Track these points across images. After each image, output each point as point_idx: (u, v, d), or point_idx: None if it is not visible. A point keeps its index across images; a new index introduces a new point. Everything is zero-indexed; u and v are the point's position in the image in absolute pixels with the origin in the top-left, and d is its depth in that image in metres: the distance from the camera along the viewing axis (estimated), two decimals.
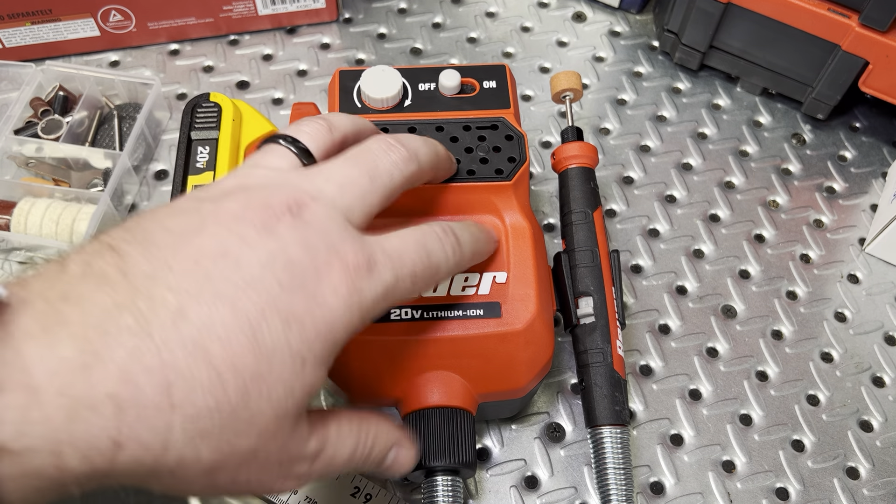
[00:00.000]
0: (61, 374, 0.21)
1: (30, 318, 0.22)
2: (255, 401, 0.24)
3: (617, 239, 0.50)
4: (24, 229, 0.45)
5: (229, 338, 0.24)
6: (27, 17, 0.53)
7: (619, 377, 0.39)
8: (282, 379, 0.25)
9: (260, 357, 0.24)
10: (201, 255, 0.25)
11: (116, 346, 0.22)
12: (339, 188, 0.29)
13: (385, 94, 0.39)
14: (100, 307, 0.23)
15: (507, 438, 0.42)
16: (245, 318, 0.24)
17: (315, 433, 0.29)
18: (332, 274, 0.26)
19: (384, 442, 0.32)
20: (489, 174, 0.37)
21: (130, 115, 0.51)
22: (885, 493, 0.41)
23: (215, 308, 0.24)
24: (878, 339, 0.47)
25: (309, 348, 0.26)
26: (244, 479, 0.26)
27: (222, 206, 0.27)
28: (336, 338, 0.27)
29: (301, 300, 0.25)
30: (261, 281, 0.25)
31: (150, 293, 0.23)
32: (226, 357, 0.24)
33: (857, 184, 0.53)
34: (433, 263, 0.30)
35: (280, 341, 0.25)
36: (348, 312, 0.27)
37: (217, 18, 0.56)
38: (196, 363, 0.23)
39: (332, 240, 0.27)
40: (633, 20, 0.60)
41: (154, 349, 0.22)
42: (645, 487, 0.41)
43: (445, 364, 0.36)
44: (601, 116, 0.55)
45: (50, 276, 0.24)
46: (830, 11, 0.48)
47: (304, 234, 0.26)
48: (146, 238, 0.25)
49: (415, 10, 0.60)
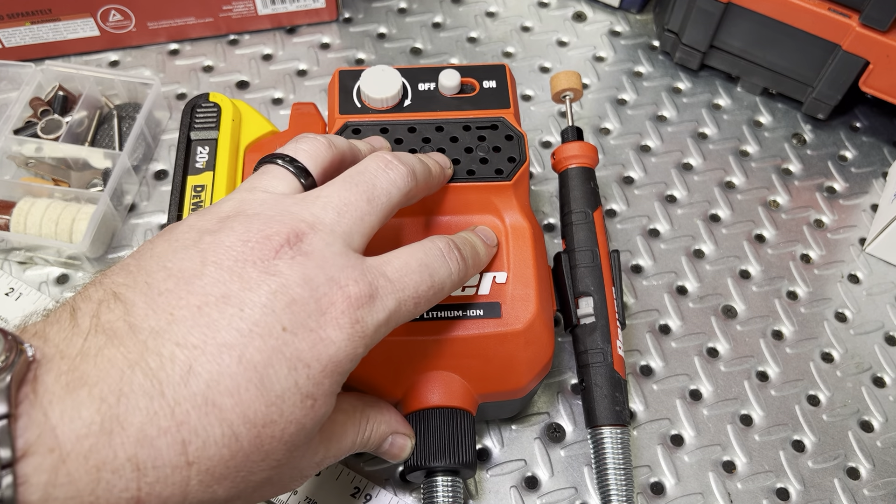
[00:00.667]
0: (86, 439, 0.22)
1: (53, 377, 0.23)
2: (268, 443, 0.25)
3: (617, 239, 0.50)
4: (23, 229, 0.45)
5: (238, 390, 0.24)
6: (27, 17, 0.52)
7: (620, 377, 0.39)
8: (293, 420, 0.26)
9: (270, 404, 0.25)
10: (204, 301, 0.25)
11: (133, 409, 0.23)
12: (338, 214, 0.29)
13: (385, 93, 0.38)
14: (114, 366, 0.23)
15: (508, 439, 0.42)
16: (252, 367, 0.25)
17: (322, 443, 0.30)
18: (334, 308, 0.27)
19: (383, 431, 0.34)
20: (489, 174, 0.37)
21: (130, 114, 0.50)
22: (886, 494, 0.41)
23: (222, 360, 0.24)
24: (879, 339, 0.46)
25: (317, 387, 0.26)
26: (258, 497, 0.27)
27: (221, 240, 0.27)
28: (342, 370, 0.27)
29: (305, 341, 0.26)
30: (264, 326, 0.25)
31: (159, 350, 0.24)
32: (237, 409, 0.24)
33: (858, 184, 0.53)
34: (436, 283, 0.31)
35: (289, 385, 0.25)
36: (351, 344, 0.27)
37: (217, 18, 0.56)
38: (209, 419, 0.24)
39: (332, 271, 0.27)
40: (633, 20, 0.60)
41: (168, 409, 0.23)
42: (645, 488, 0.41)
43: (445, 364, 0.36)
44: (601, 116, 0.55)
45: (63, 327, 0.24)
46: (831, 11, 0.48)
47: (303, 269, 0.26)
48: (148, 283, 0.25)
49: (415, 10, 0.60)
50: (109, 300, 0.25)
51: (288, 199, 0.29)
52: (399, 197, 0.31)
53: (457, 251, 0.32)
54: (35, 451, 0.21)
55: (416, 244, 0.31)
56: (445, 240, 0.32)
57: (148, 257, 0.27)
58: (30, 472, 0.21)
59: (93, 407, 0.22)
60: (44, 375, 0.22)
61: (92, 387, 0.22)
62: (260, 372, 0.25)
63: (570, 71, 0.45)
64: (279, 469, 0.27)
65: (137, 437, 0.22)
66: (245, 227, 0.27)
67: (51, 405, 0.22)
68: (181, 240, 0.27)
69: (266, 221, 0.27)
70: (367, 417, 0.33)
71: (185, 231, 0.28)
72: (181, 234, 0.27)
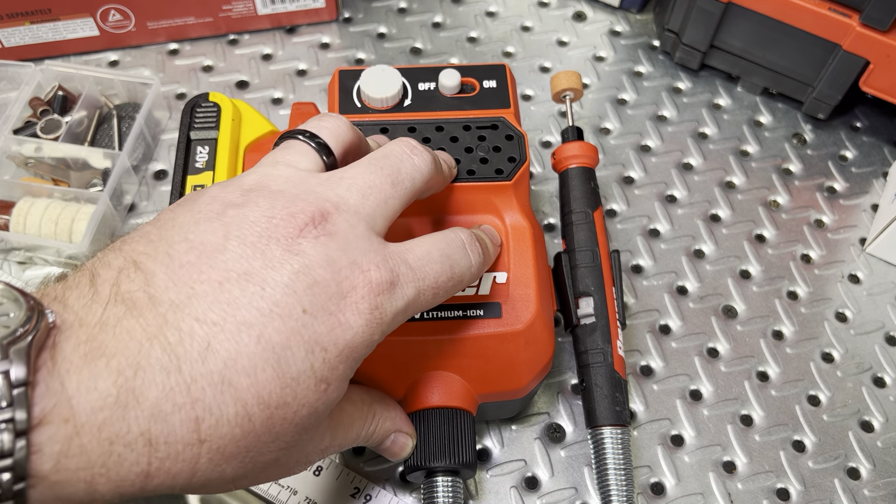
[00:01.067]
0: (101, 412, 0.22)
1: (72, 346, 0.22)
2: (280, 425, 0.25)
3: (617, 239, 0.49)
4: (23, 229, 0.45)
5: (255, 370, 0.24)
6: (26, 17, 0.52)
7: (620, 377, 0.39)
8: (306, 403, 0.26)
9: (285, 386, 0.25)
10: (225, 276, 0.25)
11: (150, 383, 0.23)
12: (362, 196, 0.28)
13: (385, 93, 0.38)
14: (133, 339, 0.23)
15: (508, 439, 0.42)
16: (270, 348, 0.24)
17: (329, 429, 0.30)
18: (355, 292, 0.26)
19: (386, 429, 0.34)
20: (489, 174, 0.37)
21: (130, 114, 0.50)
22: (886, 494, 0.41)
23: (241, 339, 0.24)
24: (879, 339, 0.46)
25: (332, 371, 0.26)
26: (263, 479, 0.28)
27: (245, 214, 0.26)
28: (357, 355, 0.27)
29: (324, 324, 0.25)
30: (285, 307, 0.25)
31: (178, 324, 0.24)
32: (252, 390, 0.24)
33: (858, 184, 0.53)
34: (456, 275, 0.30)
35: (304, 368, 0.25)
36: (369, 330, 0.27)
37: (216, 18, 0.56)
38: (224, 398, 0.24)
39: (355, 254, 0.27)
40: (633, 20, 0.60)
41: (184, 385, 0.23)
42: (645, 488, 0.41)
43: (445, 364, 0.35)
44: (601, 116, 0.55)
45: (83, 293, 0.24)
46: (831, 11, 0.48)
47: (327, 250, 0.26)
48: (169, 253, 0.25)
49: (415, 10, 0.60)
50: (130, 269, 0.25)
51: (312, 178, 0.28)
52: (422, 183, 0.31)
53: (478, 244, 0.32)
54: (50, 420, 0.21)
55: (438, 234, 0.31)
56: (468, 232, 0.32)
57: (169, 227, 0.26)
58: (44, 441, 0.21)
59: (110, 379, 0.22)
60: (62, 343, 0.22)
61: (110, 358, 0.22)
62: (278, 353, 0.24)
63: (570, 71, 0.45)
64: (287, 451, 0.27)
65: (152, 411, 0.22)
66: (270, 203, 0.27)
67: (68, 374, 0.22)
68: (204, 211, 0.27)
69: (291, 199, 0.27)
70: (374, 412, 0.33)
71: (209, 202, 0.27)
72: (204, 204, 0.27)
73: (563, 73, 0.45)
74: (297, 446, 0.27)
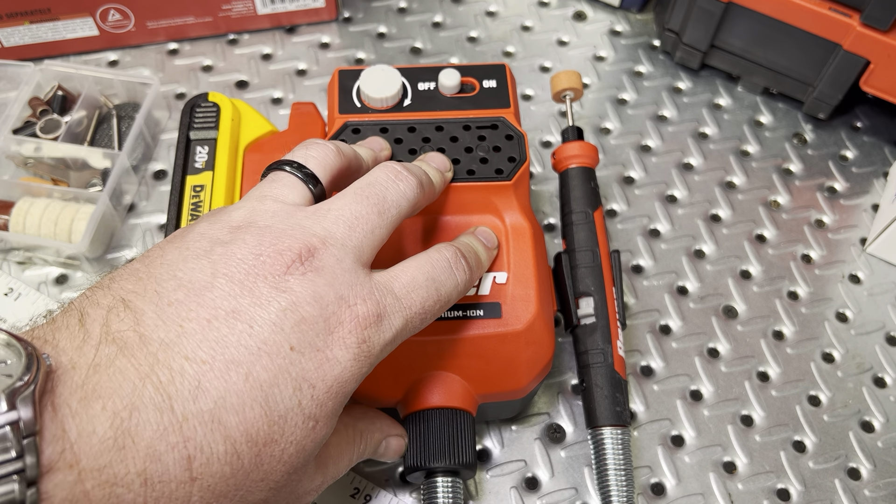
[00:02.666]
0: (101, 456, 0.22)
1: (69, 390, 0.23)
2: (268, 462, 0.25)
3: (617, 239, 0.49)
4: (22, 229, 0.44)
5: (244, 408, 0.24)
6: (26, 17, 0.52)
7: (620, 378, 0.39)
8: (294, 440, 0.26)
9: (272, 424, 0.25)
10: (214, 314, 0.25)
11: (145, 423, 0.23)
12: (349, 228, 0.28)
13: (385, 93, 0.38)
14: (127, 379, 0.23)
15: (508, 439, 0.42)
16: (258, 386, 0.25)
17: (319, 468, 0.30)
18: (342, 327, 0.27)
19: (376, 440, 0.34)
20: (489, 174, 0.37)
21: (129, 114, 0.50)
22: (887, 494, 0.41)
23: (229, 377, 0.24)
24: (880, 339, 0.46)
25: (320, 408, 0.26)
26: None
27: (233, 252, 0.26)
28: (346, 391, 0.27)
29: (312, 361, 0.26)
30: (272, 345, 0.25)
31: (169, 363, 0.24)
32: (241, 427, 0.24)
33: (859, 184, 0.53)
34: (443, 297, 0.31)
35: (292, 406, 0.25)
36: (357, 364, 0.27)
37: (216, 18, 0.56)
38: (214, 437, 0.24)
39: (342, 289, 0.27)
40: (633, 19, 0.60)
41: (176, 424, 0.23)
42: (646, 488, 0.41)
43: (445, 365, 0.35)
44: (602, 116, 0.55)
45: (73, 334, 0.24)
46: (832, 11, 0.48)
47: (314, 286, 0.26)
48: (158, 292, 0.25)
49: (414, 10, 0.60)
50: (119, 308, 0.25)
51: (300, 212, 0.29)
52: (408, 208, 0.31)
53: (463, 261, 0.32)
54: (58, 467, 0.21)
55: (422, 256, 0.31)
56: (452, 249, 0.32)
57: (158, 264, 0.27)
58: (51, 488, 0.21)
59: (107, 422, 0.22)
60: (59, 387, 0.22)
61: (106, 400, 0.23)
62: (265, 391, 0.25)
63: (570, 70, 0.45)
64: (277, 492, 0.27)
65: (147, 451, 0.23)
66: (257, 240, 0.27)
67: (67, 419, 0.22)
68: (192, 248, 0.27)
69: (278, 235, 0.27)
70: (360, 432, 0.33)
71: (196, 239, 0.27)
72: (192, 241, 0.27)
73: (564, 72, 0.45)
74: (287, 486, 0.27)
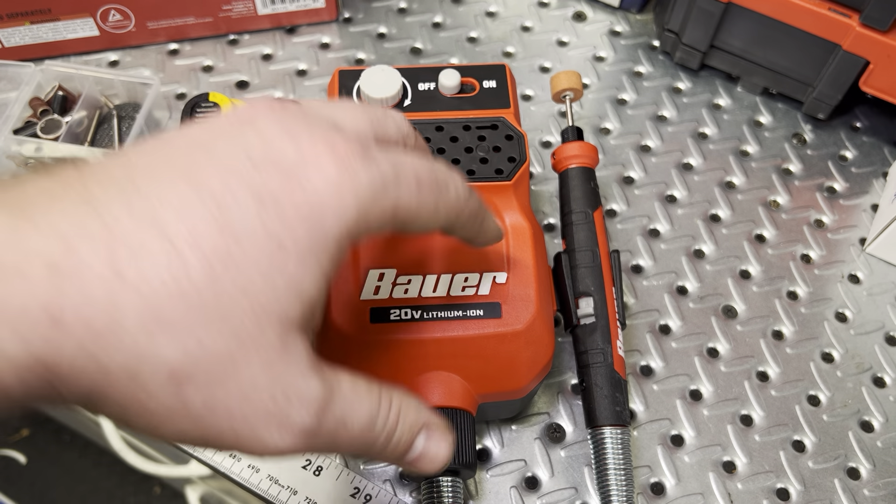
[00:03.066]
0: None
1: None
2: (227, 287, 0.21)
3: (617, 239, 0.49)
4: None
5: (186, 209, 0.21)
6: (26, 17, 0.52)
7: (620, 377, 0.39)
8: (257, 264, 0.21)
9: (226, 233, 0.21)
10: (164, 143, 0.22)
11: (54, 212, 0.20)
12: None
13: (385, 93, 0.38)
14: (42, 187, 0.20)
15: (508, 439, 0.42)
16: (207, 191, 0.21)
17: (320, 373, 0.23)
18: (319, 157, 0.22)
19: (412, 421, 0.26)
20: (489, 174, 0.37)
21: (130, 114, 0.50)
22: (886, 494, 0.41)
23: (172, 183, 0.21)
24: (879, 339, 0.46)
25: (288, 231, 0.22)
26: (223, 407, 0.21)
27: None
28: (326, 226, 0.22)
29: (276, 177, 0.22)
30: (228, 157, 0.22)
31: (100, 176, 0.21)
32: (182, 229, 0.20)
33: (858, 184, 0.53)
34: (439, 179, 0.26)
35: (251, 219, 0.21)
36: (338, 195, 0.22)
37: (216, 18, 0.56)
38: (147, 233, 0.20)
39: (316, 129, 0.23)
40: (633, 20, 0.60)
41: (98, 218, 0.20)
42: (645, 488, 0.41)
43: (445, 364, 0.35)
44: (601, 116, 0.55)
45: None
46: (831, 11, 0.48)
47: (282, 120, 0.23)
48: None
49: (415, 10, 0.60)
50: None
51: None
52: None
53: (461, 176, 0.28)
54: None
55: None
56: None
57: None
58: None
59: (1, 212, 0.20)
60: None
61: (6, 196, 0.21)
62: (217, 197, 0.21)
63: (570, 71, 0.45)
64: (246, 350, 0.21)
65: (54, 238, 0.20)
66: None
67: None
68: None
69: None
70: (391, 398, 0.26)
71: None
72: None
73: (563, 73, 0.45)
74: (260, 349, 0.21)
